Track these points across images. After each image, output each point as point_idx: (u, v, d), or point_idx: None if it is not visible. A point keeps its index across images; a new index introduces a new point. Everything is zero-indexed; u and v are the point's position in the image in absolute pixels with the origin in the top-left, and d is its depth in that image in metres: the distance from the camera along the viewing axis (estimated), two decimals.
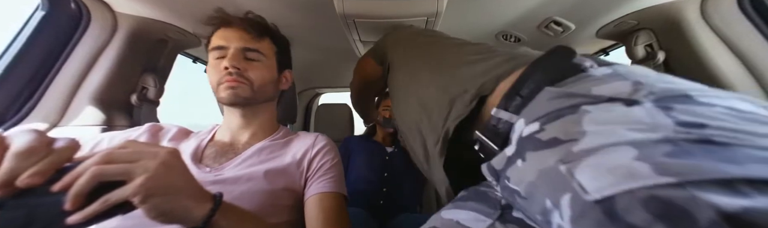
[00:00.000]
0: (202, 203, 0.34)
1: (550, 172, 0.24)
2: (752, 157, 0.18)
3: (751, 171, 0.17)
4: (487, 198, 0.37)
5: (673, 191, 0.17)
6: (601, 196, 0.19)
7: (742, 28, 0.66)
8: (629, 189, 0.19)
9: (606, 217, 0.19)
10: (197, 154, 0.56)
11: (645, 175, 0.19)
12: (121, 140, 0.56)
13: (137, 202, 0.29)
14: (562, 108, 0.27)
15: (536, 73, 0.35)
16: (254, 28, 0.57)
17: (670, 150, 0.20)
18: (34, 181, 0.26)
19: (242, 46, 0.56)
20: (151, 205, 0.29)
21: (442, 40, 0.62)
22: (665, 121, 0.22)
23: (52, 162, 0.28)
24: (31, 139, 0.28)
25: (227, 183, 0.50)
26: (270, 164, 0.55)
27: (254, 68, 0.56)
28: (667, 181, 0.18)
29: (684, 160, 0.19)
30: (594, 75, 0.31)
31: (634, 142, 0.21)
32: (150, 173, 0.30)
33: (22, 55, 0.64)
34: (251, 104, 0.59)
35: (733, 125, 0.21)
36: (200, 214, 0.33)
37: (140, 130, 0.59)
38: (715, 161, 0.18)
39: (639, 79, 0.27)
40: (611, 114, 0.24)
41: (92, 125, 0.73)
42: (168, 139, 0.59)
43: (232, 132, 0.61)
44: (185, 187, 0.33)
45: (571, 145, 0.23)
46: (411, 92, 0.54)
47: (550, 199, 0.23)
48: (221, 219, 0.34)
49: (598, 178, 0.20)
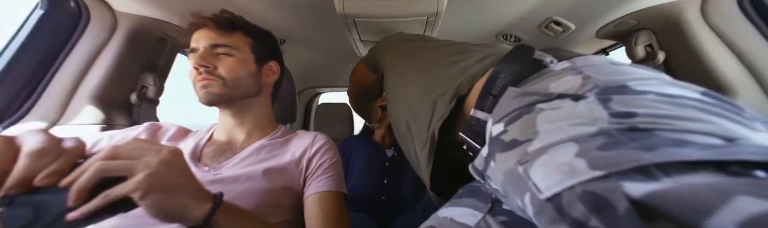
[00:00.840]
0: (202, 202, 0.34)
1: (512, 173, 0.25)
2: (666, 140, 0.19)
3: (661, 155, 0.18)
4: (479, 192, 0.37)
5: (600, 184, 0.18)
6: (551, 194, 0.21)
7: (742, 28, 0.66)
8: (570, 185, 0.20)
9: (557, 213, 0.20)
10: (196, 154, 0.56)
11: (582, 171, 0.20)
12: (121, 139, 0.56)
13: (137, 199, 0.29)
14: (520, 107, 0.28)
15: (502, 71, 0.36)
16: (222, 24, 0.57)
17: (603, 142, 0.21)
18: (50, 180, 0.27)
19: (210, 43, 0.56)
20: (150, 202, 0.30)
21: (428, 43, 0.62)
22: (601, 113, 0.23)
23: (66, 161, 0.29)
24: (43, 139, 0.28)
25: (226, 182, 0.50)
26: (269, 163, 0.55)
27: (225, 63, 0.56)
28: (596, 175, 0.19)
29: (612, 151, 0.20)
30: (553, 70, 0.32)
31: (575, 137, 0.22)
32: (151, 170, 0.30)
33: (21, 54, 0.64)
34: (233, 101, 0.58)
35: (659, 111, 0.22)
36: (200, 212, 0.33)
37: (139, 129, 0.59)
38: (635, 149, 0.19)
39: (588, 72, 0.28)
40: (560, 111, 0.25)
41: (91, 124, 0.73)
42: (167, 138, 0.59)
43: (227, 131, 0.61)
44: (185, 186, 0.34)
45: (527, 145, 0.25)
46: (400, 96, 0.55)
47: (518, 198, 0.24)
48: (221, 218, 0.34)
49: (547, 177, 0.22)
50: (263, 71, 0.62)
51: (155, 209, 0.30)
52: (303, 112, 1.74)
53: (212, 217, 0.33)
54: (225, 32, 0.57)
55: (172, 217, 0.32)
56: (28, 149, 0.27)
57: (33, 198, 0.27)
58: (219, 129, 0.62)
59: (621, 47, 0.96)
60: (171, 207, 0.31)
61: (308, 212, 0.52)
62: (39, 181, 0.27)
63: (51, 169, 0.27)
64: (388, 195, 1.11)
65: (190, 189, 0.34)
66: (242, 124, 0.61)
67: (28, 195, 0.27)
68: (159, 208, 0.30)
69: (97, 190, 0.28)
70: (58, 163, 0.28)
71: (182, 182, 0.33)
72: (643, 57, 0.82)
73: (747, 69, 0.66)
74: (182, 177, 0.34)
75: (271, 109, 0.68)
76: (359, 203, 1.06)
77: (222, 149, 0.58)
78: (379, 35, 0.92)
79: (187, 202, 0.33)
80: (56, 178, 0.27)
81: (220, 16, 0.59)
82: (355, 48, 1.04)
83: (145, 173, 0.29)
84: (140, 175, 0.29)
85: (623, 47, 0.90)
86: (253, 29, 0.63)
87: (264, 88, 0.63)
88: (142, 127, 0.60)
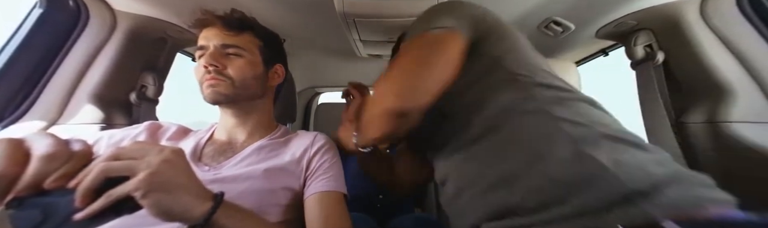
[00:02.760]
0: (202, 201, 0.34)
1: None
2: None
3: None
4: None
5: None
6: None
7: (741, 28, 0.66)
8: None
9: None
10: (196, 153, 0.56)
11: None
12: (121, 138, 0.56)
13: (138, 198, 0.29)
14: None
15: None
16: (232, 24, 0.57)
17: None
18: (62, 183, 0.28)
19: (220, 43, 0.55)
20: (151, 201, 0.30)
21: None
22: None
23: (75, 164, 0.29)
24: (52, 142, 0.29)
25: (226, 182, 0.50)
26: (269, 163, 0.55)
27: (235, 64, 0.56)
28: None
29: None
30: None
31: None
32: (152, 169, 0.30)
33: (20, 53, 0.64)
34: (237, 102, 0.58)
35: None
36: (200, 211, 0.33)
37: (139, 128, 0.59)
38: None
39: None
40: None
41: (91, 123, 0.73)
42: (167, 137, 0.59)
43: (228, 131, 0.61)
44: (187, 185, 0.34)
45: None
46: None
47: None
48: (222, 217, 0.35)
49: None
50: (269, 74, 0.63)
51: (156, 208, 0.31)
52: (303, 111, 1.74)
53: (213, 216, 0.34)
54: (235, 32, 0.57)
55: (173, 216, 0.32)
56: (38, 153, 0.28)
57: (42, 200, 0.28)
58: (220, 129, 0.62)
59: (620, 47, 0.96)
60: (172, 206, 0.31)
61: (309, 212, 0.52)
62: (49, 184, 0.28)
63: (61, 172, 0.28)
64: (386, 194, 1.12)
65: (191, 188, 0.34)
66: (244, 124, 0.61)
67: (36, 197, 0.28)
68: (160, 207, 0.31)
69: (103, 192, 0.29)
70: (68, 166, 0.29)
71: (183, 181, 0.34)
72: (642, 57, 0.82)
73: (746, 69, 0.66)
74: (183, 176, 0.34)
75: (273, 109, 0.68)
76: (359, 203, 1.06)
77: (222, 149, 0.58)
78: (379, 35, 0.92)
79: (188, 201, 0.33)
80: (66, 181, 0.28)
81: (231, 15, 0.58)
82: (354, 47, 1.04)
83: (146, 172, 0.30)
84: (142, 175, 0.30)
85: (622, 47, 0.90)
86: (262, 31, 0.63)
87: (268, 90, 0.64)
88: (142, 127, 0.59)
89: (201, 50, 0.56)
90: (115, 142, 0.55)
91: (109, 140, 0.55)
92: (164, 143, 0.58)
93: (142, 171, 0.30)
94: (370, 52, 1.08)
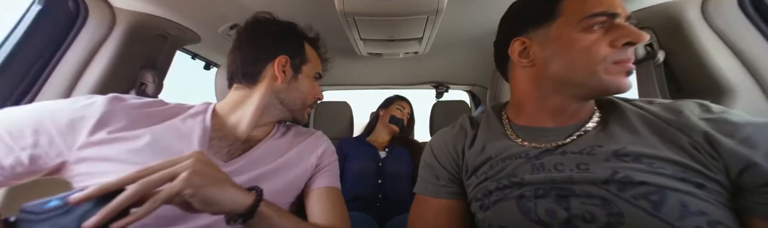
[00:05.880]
0: (245, 193, 0.37)
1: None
2: None
3: None
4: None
5: None
6: None
7: (742, 28, 0.66)
8: None
9: None
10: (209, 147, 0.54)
11: None
12: (70, 116, 0.44)
13: (189, 196, 0.32)
14: None
15: None
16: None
17: None
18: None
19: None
20: (203, 196, 0.33)
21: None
22: None
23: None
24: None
25: (239, 180, 0.50)
26: (279, 162, 0.57)
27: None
28: None
29: None
30: None
31: None
32: (192, 168, 0.33)
33: (18, 51, 0.64)
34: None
35: None
36: (248, 202, 0.37)
37: (95, 104, 0.46)
38: None
39: None
40: None
41: None
42: (139, 115, 0.49)
43: (237, 126, 0.58)
44: (227, 179, 0.37)
45: None
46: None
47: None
48: (264, 207, 0.38)
49: None
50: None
51: (207, 202, 0.33)
52: None
53: (257, 208, 0.37)
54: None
55: (224, 206, 0.35)
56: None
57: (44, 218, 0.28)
58: (228, 123, 0.58)
59: None
60: (222, 197, 0.34)
61: (314, 205, 0.55)
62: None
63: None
64: (385, 194, 1.13)
65: (230, 181, 0.37)
66: (259, 120, 0.59)
67: (37, 214, 0.28)
68: (210, 201, 0.33)
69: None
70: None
71: (223, 176, 0.37)
72: (642, 56, 0.82)
73: (747, 69, 0.66)
74: (220, 172, 0.37)
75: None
76: (359, 203, 1.08)
77: (233, 146, 0.55)
78: (380, 33, 0.91)
79: (234, 192, 0.36)
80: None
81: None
82: (355, 46, 1.04)
83: (188, 171, 0.32)
84: (184, 174, 0.32)
85: None
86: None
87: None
88: (100, 103, 0.46)
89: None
90: (64, 122, 0.43)
91: (56, 122, 0.43)
92: (156, 127, 0.50)
93: (183, 172, 0.32)
94: (370, 50, 1.08)
